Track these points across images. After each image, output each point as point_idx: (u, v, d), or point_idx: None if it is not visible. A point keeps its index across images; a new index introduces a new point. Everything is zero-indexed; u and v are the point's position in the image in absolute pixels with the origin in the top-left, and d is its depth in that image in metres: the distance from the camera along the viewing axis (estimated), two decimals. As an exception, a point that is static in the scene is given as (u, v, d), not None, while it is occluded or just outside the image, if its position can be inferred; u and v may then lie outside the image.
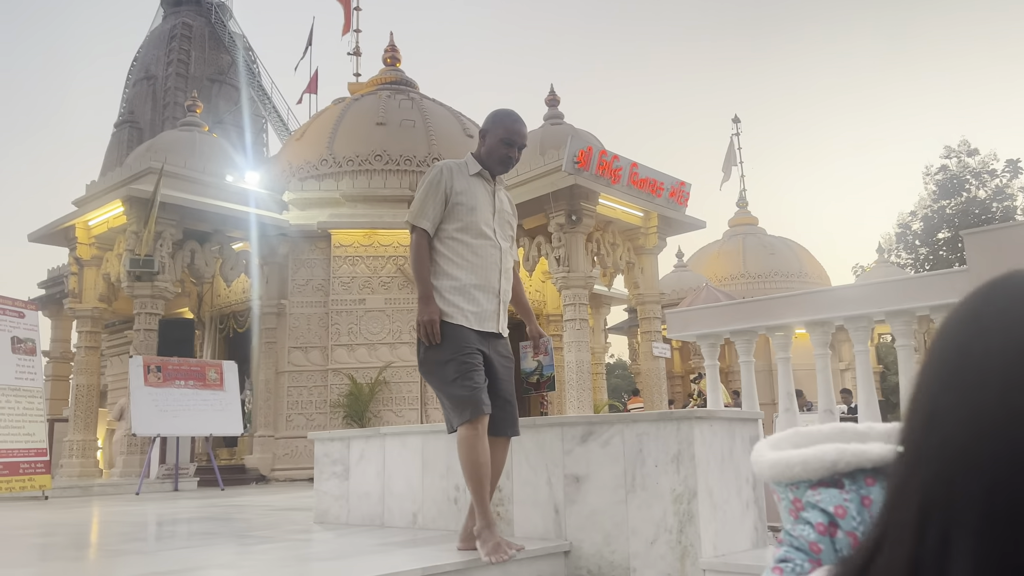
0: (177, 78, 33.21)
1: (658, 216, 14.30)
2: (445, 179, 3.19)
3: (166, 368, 11.01)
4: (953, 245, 34.08)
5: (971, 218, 33.81)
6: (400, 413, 13.67)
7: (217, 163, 13.91)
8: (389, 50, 18.35)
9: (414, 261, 3.17)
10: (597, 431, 3.61)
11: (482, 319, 3.18)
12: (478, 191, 3.24)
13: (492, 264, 3.23)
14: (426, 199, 3.16)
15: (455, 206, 3.17)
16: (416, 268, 3.14)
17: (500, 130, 3.26)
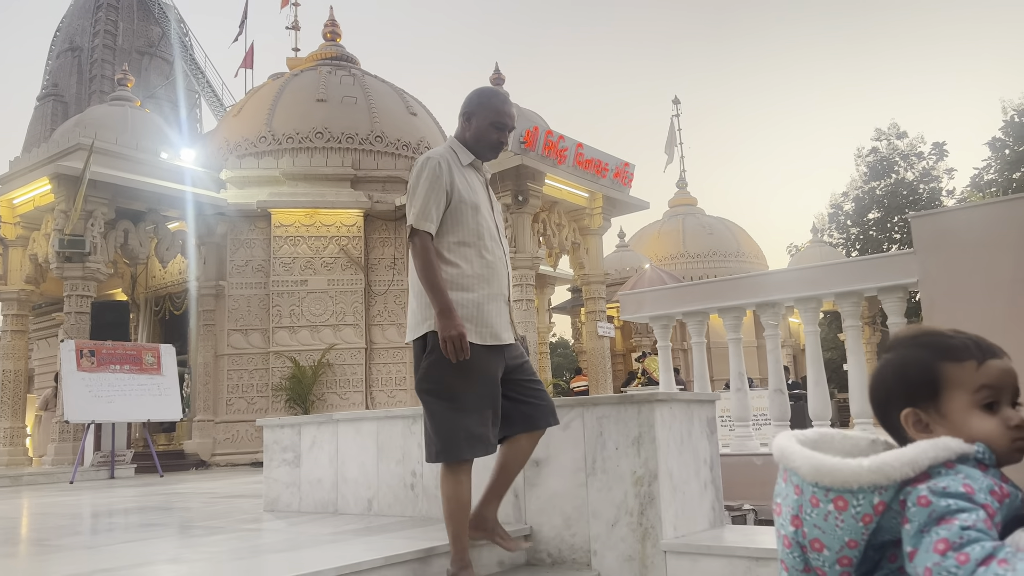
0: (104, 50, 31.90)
1: (603, 197, 14.36)
2: (446, 174, 2.73)
3: (100, 352, 10.62)
4: (883, 225, 35.21)
5: (899, 199, 34.93)
6: (345, 396, 13.49)
7: (150, 139, 13.40)
8: (329, 24, 17.91)
9: (424, 270, 2.65)
10: (558, 414, 3.59)
11: (498, 334, 2.77)
12: (476, 185, 2.85)
13: (501, 269, 2.86)
14: (428, 197, 2.69)
15: (458, 205, 2.74)
16: (428, 277, 2.64)
17: (489, 112, 2.85)
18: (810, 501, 0.99)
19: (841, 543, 0.98)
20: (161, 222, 13.28)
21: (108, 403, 10.40)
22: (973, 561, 0.86)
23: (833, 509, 0.97)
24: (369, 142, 15.15)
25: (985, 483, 0.95)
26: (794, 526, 1.02)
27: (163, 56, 32.81)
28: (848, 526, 0.96)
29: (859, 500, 0.96)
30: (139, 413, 10.71)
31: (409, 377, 13.90)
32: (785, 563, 1.06)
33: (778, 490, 1.07)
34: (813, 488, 0.98)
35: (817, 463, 0.98)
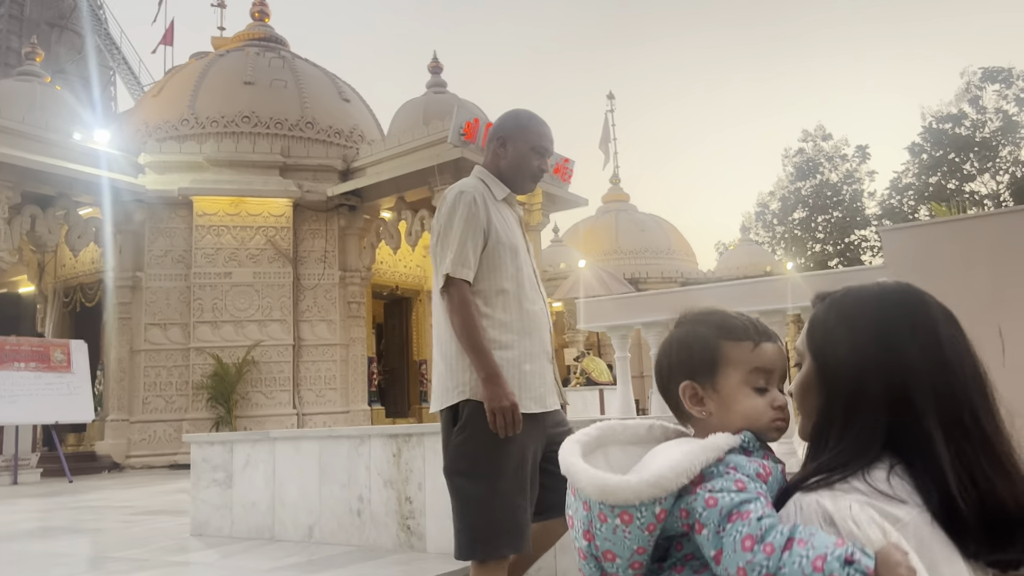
0: (10, 20, 30.01)
1: (543, 193, 14.11)
2: (482, 210, 2.29)
3: (2, 348, 9.80)
4: (807, 224, 36.16)
5: (823, 199, 35.92)
6: (271, 395, 12.89)
7: (61, 119, 12.48)
8: (257, 4, 17.11)
9: (464, 328, 2.18)
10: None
11: (543, 398, 2.32)
12: (513, 224, 2.41)
13: (543, 321, 2.40)
14: (464, 239, 2.24)
15: (495, 247, 2.29)
16: (471, 337, 2.17)
17: (529, 135, 2.40)
18: (598, 517, 1.04)
19: (631, 551, 1.04)
20: (72, 208, 12.39)
21: (11, 403, 9.62)
22: (778, 549, 0.93)
23: (620, 523, 1.02)
24: (299, 128, 14.52)
25: (751, 468, 1.04)
26: (586, 540, 1.06)
27: (74, 29, 31.05)
28: (634, 536, 1.02)
29: (642, 513, 1.01)
30: (46, 414, 9.95)
31: (340, 376, 13.40)
32: (584, 573, 1.10)
33: (569, 502, 1.10)
34: (600, 506, 1.03)
35: (600, 484, 1.02)
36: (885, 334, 1.08)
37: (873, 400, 1.06)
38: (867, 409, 1.07)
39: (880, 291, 1.12)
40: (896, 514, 0.97)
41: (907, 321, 1.08)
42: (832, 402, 1.09)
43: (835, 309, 1.13)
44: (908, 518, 0.97)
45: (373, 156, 13.71)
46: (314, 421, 13.03)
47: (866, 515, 0.96)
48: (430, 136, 12.91)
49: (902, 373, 1.06)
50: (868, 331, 1.09)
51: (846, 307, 1.12)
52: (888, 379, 1.06)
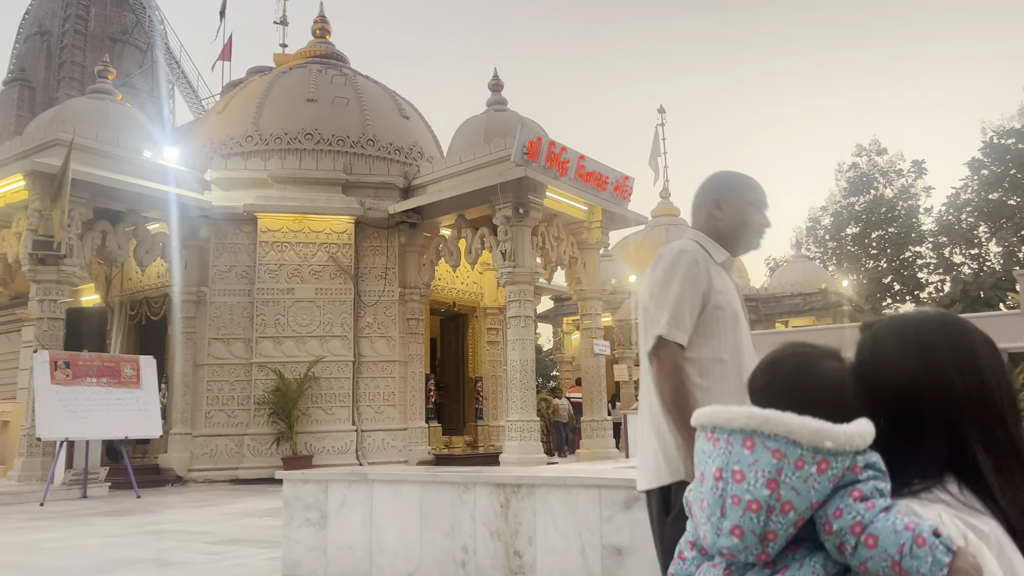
0: (75, 35, 30.81)
1: (602, 210, 13.98)
2: (703, 273, 2.11)
3: (75, 364, 9.96)
4: (860, 240, 35.36)
5: (878, 215, 35.12)
6: (330, 411, 12.93)
7: (132, 136, 12.71)
8: (319, 21, 17.29)
9: (675, 397, 1.99)
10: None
11: None
12: (732, 289, 2.22)
13: None
14: (682, 299, 2.07)
15: (714, 312, 2.11)
16: (680, 406, 1.96)
17: (747, 191, 2.22)
18: (795, 464, 1.09)
19: (808, 504, 1.10)
20: (141, 223, 12.60)
21: (83, 419, 9.76)
22: (878, 507, 1.07)
23: (815, 471, 1.09)
24: (360, 145, 14.60)
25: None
26: (770, 489, 1.09)
27: (136, 44, 31.82)
28: (821, 487, 1.09)
29: (838, 462, 1.10)
30: (116, 430, 10.08)
31: (398, 392, 13.39)
32: (742, 528, 1.12)
33: (735, 457, 1.13)
34: (803, 451, 1.09)
35: (815, 427, 1.10)
36: (928, 358, 1.18)
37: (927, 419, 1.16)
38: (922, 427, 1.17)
39: (922, 319, 1.23)
40: (978, 525, 1.06)
41: (947, 346, 1.18)
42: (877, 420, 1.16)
43: (882, 334, 1.24)
44: (989, 529, 1.07)
45: (434, 174, 13.72)
46: (372, 438, 13.03)
47: (952, 522, 1.06)
48: (492, 154, 12.87)
49: (945, 395, 1.15)
50: (912, 354, 1.19)
51: (892, 333, 1.23)
52: (934, 401, 1.16)
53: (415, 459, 13.08)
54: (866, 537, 1.07)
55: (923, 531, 1.03)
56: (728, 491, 1.13)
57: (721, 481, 1.15)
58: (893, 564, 1.04)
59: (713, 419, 1.20)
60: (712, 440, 1.19)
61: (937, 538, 1.01)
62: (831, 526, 1.10)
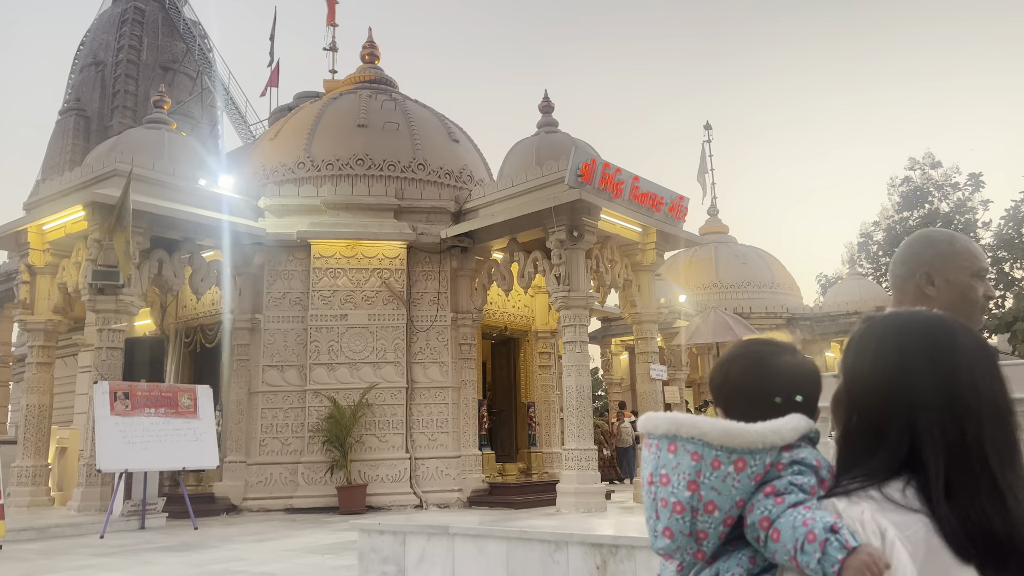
0: (128, 65, 31.55)
1: (656, 231, 13.69)
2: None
3: (134, 394, 9.97)
4: (915, 256, 34.22)
5: (933, 230, 34.05)
6: (384, 438, 12.78)
7: (188, 164, 12.80)
8: (368, 46, 17.37)
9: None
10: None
11: None
12: None
13: None
14: None
15: None
16: None
17: (962, 260, 1.86)
18: (711, 464, 1.16)
19: (732, 503, 1.16)
20: (196, 251, 12.66)
21: (142, 450, 9.74)
22: (786, 504, 1.14)
23: (733, 471, 1.16)
24: (411, 170, 14.54)
25: (826, 463, 1.24)
26: (690, 491, 1.16)
27: (186, 72, 32.50)
28: (742, 486, 1.16)
29: (755, 460, 1.17)
30: (174, 460, 10.05)
31: (451, 419, 13.19)
32: (671, 529, 1.17)
33: (662, 462, 1.20)
34: (717, 452, 1.16)
35: (725, 428, 1.18)
36: (906, 357, 1.17)
37: (892, 421, 1.16)
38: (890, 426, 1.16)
39: (909, 318, 1.23)
40: (907, 522, 1.08)
41: (926, 350, 1.17)
42: (851, 417, 1.21)
43: (868, 332, 1.24)
44: (918, 526, 1.08)
45: (485, 197, 13.58)
46: (426, 466, 12.85)
47: (871, 522, 1.08)
48: (544, 177, 12.69)
49: (912, 399, 1.15)
50: (890, 355, 1.19)
51: (876, 331, 1.23)
52: (901, 404, 1.16)
53: (469, 488, 12.86)
54: (772, 532, 1.12)
55: (815, 528, 1.07)
56: (658, 494, 1.18)
57: (652, 485, 1.20)
58: (791, 559, 1.09)
59: (645, 426, 1.25)
60: (647, 445, 1.24)
61: (832, 533, 1.05)
62: (746, 520, 1.17)
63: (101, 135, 29.10)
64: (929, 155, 35.25)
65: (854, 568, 1.03)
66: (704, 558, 1.22)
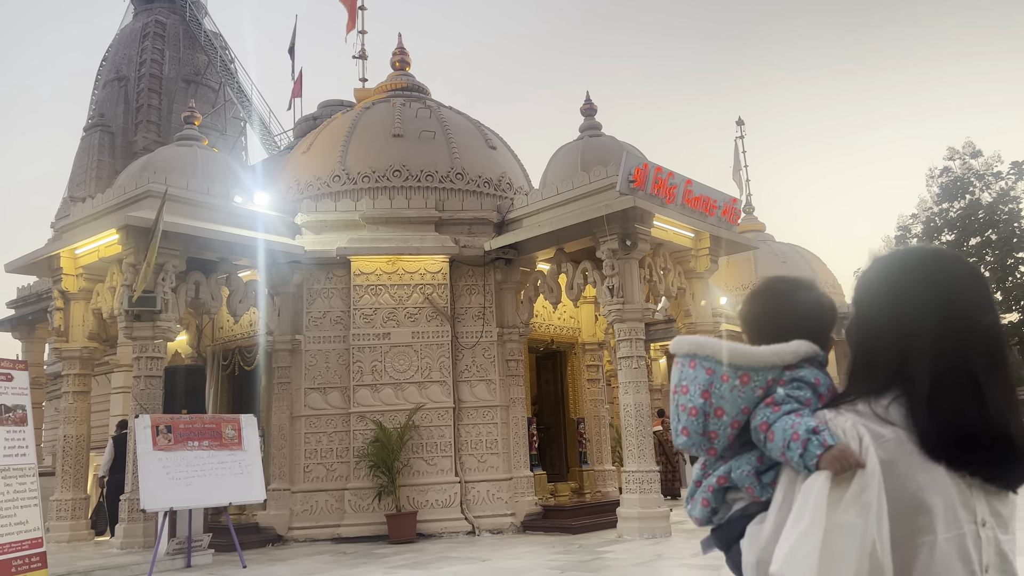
0: (151, 79, 31.37)
1: (710, 236, 13.06)
2: None
3: (176, 428, 9.49)
4: (958, 247, 33.31)
5: (975, 222, 33.13)
6: (432, 461, 12.24)
7: (222, 182, 12.34)
8: (398, 53, 16.84)
9: None
10: None
11: None
12: None
13: None
14: None
15: None
16: None
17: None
18: (721, 378, 1.43)
19: (738, 410, 1.44)
20: (233, 272, 12.20)
21: (186, 486, 9.26)
22: (781, 412, 1.38)
23: (738, 383, 1.43)
24: (450, 180, 13.99)
25: (827, 382, 1.48)
26: (703, 398, 1.44)
27: (208, 84, 32.28)
28: (746, 396, 1.43)
29: (758, 376, 1.43)
30: (220, 496, 9.56)
31: (501, 439, 12.63)
32: (688, 429, 1.46)
33: (684, 375, 1.48)
34: (725, 368, 1.43)
35: (733, 348, 1.44)
36: (903, 287, 1.36)
37: (888, 342, 1.34)
38: (883, 349, 1.35)
39: (908, 251, 1.43)
40: (881, 432, 1.29)
41: (921, 277, 1.35)
42: (861, 341, 1.40)
43: (876, 264, 1.44)
44: (891, 435, 1.29)
45: (529, 206, 13.01)
46: (476, 489, 12.29)
47: (852, 429, 1.30)
48: (592, 183, 12.10)
49: (909, 323, 1.32)
50: (890, 285, 1.37)
51: (882, 263, 1.43)
52: (899, 326, 1.34)
53: (522, 512, 12.29)
54: (768, 434, 1.38)
55: (799, 429, 1.32)
56: (678, 400, 1.48)
57: (675, 394, 1.50)
58: (781, 455, 1.34)
59: (675, 348, 1.54)
60: (676, 364, 1.53)
61: (814, 434, 1.30)
62: (750, 425, 1.43)
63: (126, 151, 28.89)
64: (969, 144, 34.21)
65: (828, 459, 1.26)
66: (716, 455, 1.47)
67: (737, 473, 1.44)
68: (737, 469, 1.44)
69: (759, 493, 1.41)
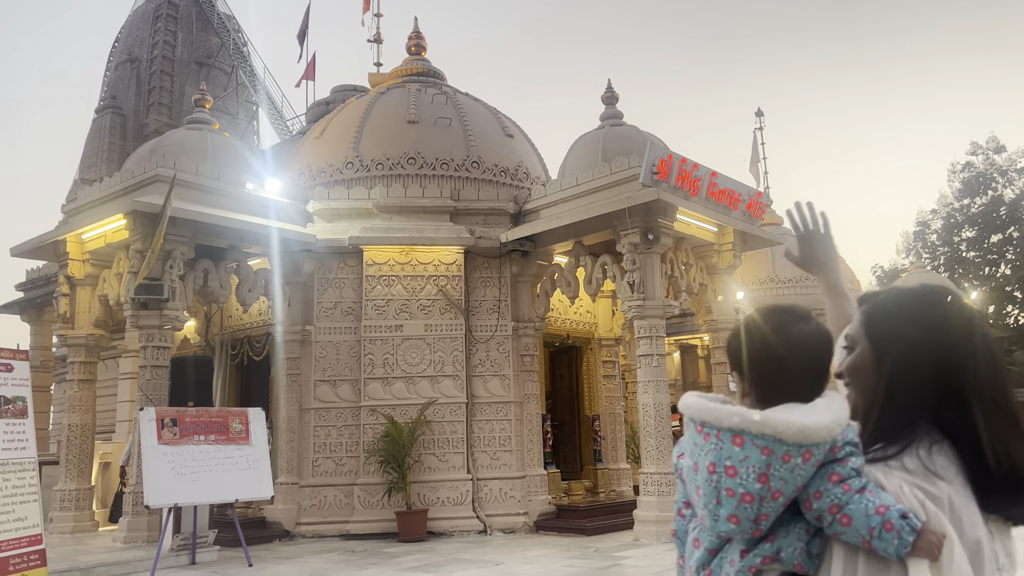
0: (163, 61, 31.04)
1: (734, 231, 12.65)
2: None
3: (182, 421, 9.20)
4: (979, 244, 32.77)
5: (997, 218, 32.48)
6: (444, 458, 11.93)
7: (232, 167, 12.01)
8: (413, 37, 16.44)
9: None
10: None
11: None
12: None
13: None
14: None
15: None
16: None
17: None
18: (783, 458, 1.28)
19: (794, 488, 1.31)
20: (243, 260, 11.88)
21: (192, 481, 8.98)
22: (853, 490, 1.30)
23: (801, 462, 1.29)
24: (465, 168, 13.62)
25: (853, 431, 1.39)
26: (761, 483, 1.29)
27: (221, 67, 31.93)
28: (806, 473, 1.30)
29: (820, 449, 1.31)
30: (226, 492, 9.27)
31: (514, 436, 12.30)
32: (737, 516, 1.31)
33: (726, 452, 1.31)
34: (788, 447, 1.28)
35: (800, 426, 1.28)
36: (946, 330, 1.34)
37: (925, 383, 1.33)
38: (919, 390, 1.33)
39: (933, 291, 1.41)
40: (933, 492, 1.27)
41: (963, 319, 1.35)
42: (891, 382, 1.36)
43: (895, 303, 1.43)
44: (942, 493, 1.26)
45: (547, 197, 12.63)
46: (489, 487, 11.98)
47: (911, 493, 1.27)
48: (613, 174, 11.71)
49: (958, 362, 1.31)
50: (933, 325, 1.35)
51: (906, 303, 1.42)
52: (941, 367, 1.32)
53: (535, 511, 11.97)
54: (841, 516, 1.29)
55: (891, 517, 1.25)
56: (722, 484, 1.31)
57: (715, 475, 1.32)
58: (864, 542, 1.27)
59: (703, 416, 1.36)
60: (703, 434, 1.36)
61: (904, 520, 1.24)
62: (811, 504, 1.32)
63: (137, 133, 28.60)
64: (993, 139, 33.50)
65: (926, 549, 1.23)
66: (760, 535, 1.36)
67: (788, 552, 1.35)
68: (788, 548, 1.35)
69: (808, 568, 1.35)
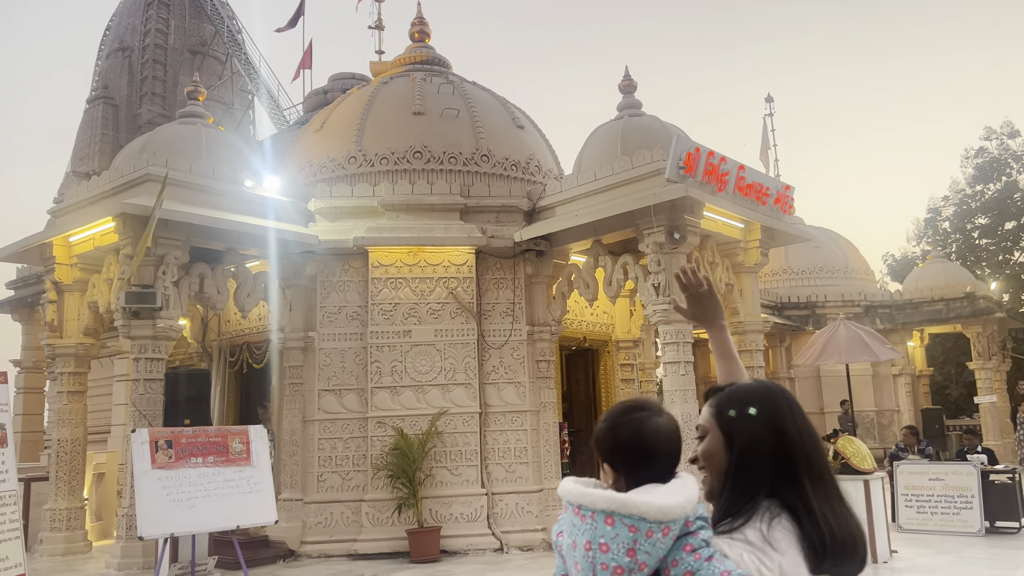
0: (156, 49, 30.13)
1: (761, 227, 11.94)
2: None
3: (178, 442, 8.50)
4: (992, 231, 32.07)
5: (1011, 205, 31.76)
6: (456, 471, 11.25)
7: (228, 164, 11.26)
8: (417, 23, 15.64)
9: None
10: None
11: None
12: None
13: None
14: None
15: None
16: None
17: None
18: (646, 535, 1.50)
19: (657, 560, 1.51)
20: (241, 263, 11.16)
21: (189, 508, 8.28)
22: (703, 559, 1.50)
23: (662, 536, 1.51)
24: (475, 162, 12.87)
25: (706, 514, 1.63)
26: (629, 556, 1.49)
27: (215, 56, 31.01)
28: (666, 546, 1.51)
29: (676, 525, 1.52)
30: (226, 519, 8.57)
31: (531, 447, 11.63)
32: None
33: (600, 531, 1.53)
34: (651, 524, 1.50)
35: (661, 506, 1.52)
36: (776, 417, 1.65)
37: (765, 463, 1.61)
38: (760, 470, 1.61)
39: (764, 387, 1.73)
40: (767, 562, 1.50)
41: (787, 408, 1.67)
42: (740, 464, 1.63)
43: (738, 398, 1.71)
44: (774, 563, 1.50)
45: (564, 193, 11.90)
46: (504, 502, 11.32)
47: (750, 559, 1.50)
48: (635, 169, 10.99)
49: (787, 444, 1.62)
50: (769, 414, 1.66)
51: (744, 397, 1.70)
52: (777, 448, 1.62)
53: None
54: None
55: None
56: (597, 559, 1.51)
57: (591, 551, 1.52)
58: None
59: (580, 500, 1.60)
60: (580, 516, 1.58)
61: None
62: (670, 572, 1.52)
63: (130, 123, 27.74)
64: (1007, 124, 32.72)
65: None
66: None
67: None
68: None
69: None
